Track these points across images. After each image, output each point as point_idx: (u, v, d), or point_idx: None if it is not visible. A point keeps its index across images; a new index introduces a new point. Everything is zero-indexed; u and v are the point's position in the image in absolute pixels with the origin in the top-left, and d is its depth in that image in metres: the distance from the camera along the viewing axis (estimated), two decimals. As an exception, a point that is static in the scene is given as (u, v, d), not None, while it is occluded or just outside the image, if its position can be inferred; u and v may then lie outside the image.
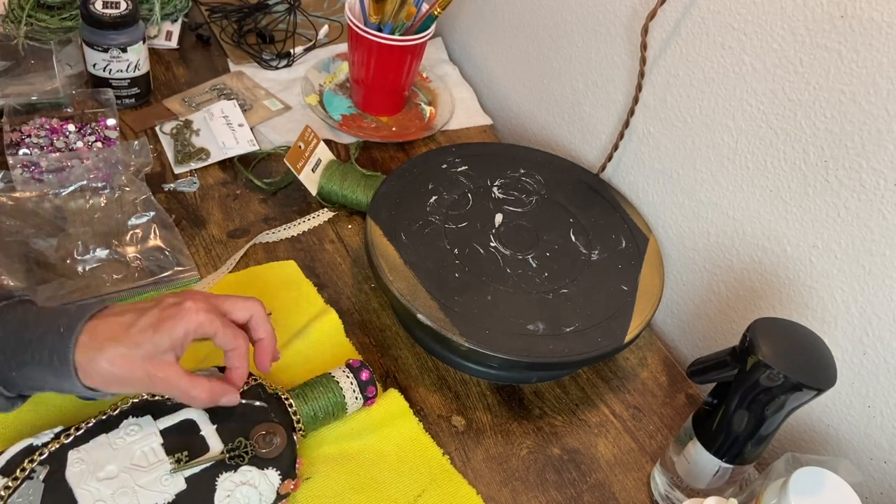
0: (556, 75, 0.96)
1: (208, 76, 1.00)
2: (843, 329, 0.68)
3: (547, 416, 0.74)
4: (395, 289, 0.70)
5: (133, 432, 0.57)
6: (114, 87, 0.90)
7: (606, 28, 0.85)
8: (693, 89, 0.77)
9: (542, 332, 0.70)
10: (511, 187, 0.84)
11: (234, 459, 0.57)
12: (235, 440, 0.58)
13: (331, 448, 0.66)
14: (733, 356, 0.59)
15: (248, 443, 0.58)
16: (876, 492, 0.69)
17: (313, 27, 1.11)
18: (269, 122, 0.96)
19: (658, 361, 0.81)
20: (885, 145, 0.61)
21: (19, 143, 0.82)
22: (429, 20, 0.92)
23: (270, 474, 0.58)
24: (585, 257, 0.78)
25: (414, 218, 0.78)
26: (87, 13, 0.85)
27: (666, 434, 0.74)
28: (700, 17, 0.74)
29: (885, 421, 0.67)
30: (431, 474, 0.66)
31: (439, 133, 1.01)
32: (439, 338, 0.69)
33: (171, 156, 0.88)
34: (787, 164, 0.69)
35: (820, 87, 0.65)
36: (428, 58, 1.06)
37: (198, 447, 0.57)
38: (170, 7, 1.02)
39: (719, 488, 0.65)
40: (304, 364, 0.70)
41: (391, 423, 0.68)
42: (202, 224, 0.82)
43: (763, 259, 0.74)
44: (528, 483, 0.68)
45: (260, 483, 0.57)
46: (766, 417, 0.58)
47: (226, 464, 0.57)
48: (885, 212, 0.62)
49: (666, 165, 0.82)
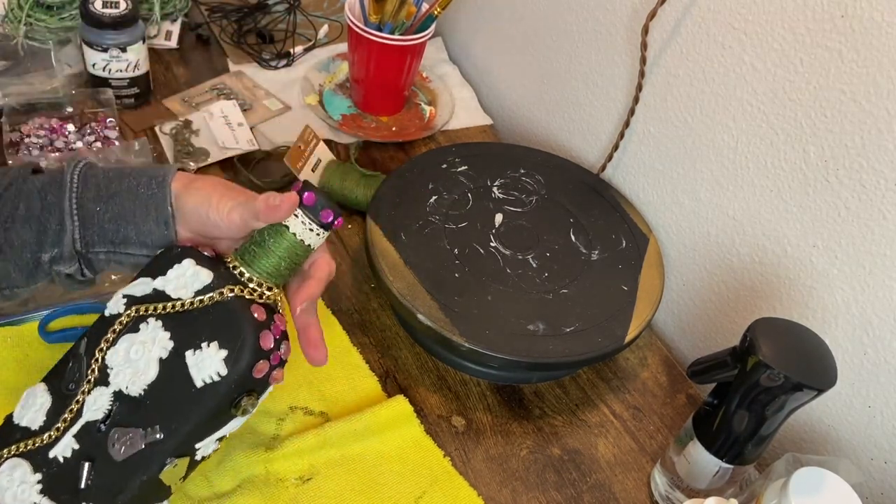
0: (557, 75, 0.96)
1: (208, 76, 1.00)
2: (843, 329, 0.68)
3: (547, 416, 0.74)
4: (395, 289, 0.70)
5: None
6: (113, 86, 0.90)
7: (606, 28, 0.85)
8: (693, 89, 0.77)
9: (542, 333, 0.70)
10: (511, 187, 0.84)
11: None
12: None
13: (332, 450, 0.66)
14: (733, 356, 0.59)
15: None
16: (876, 492, 0.69)
17: (313, 27, 1.11)
18: (269, 122, 0.96)
19: (658, 361, 0.80)
20: (885, 145, 0.61)
21: (19, 142, 0.82)
22: (429, 20, 0.92)
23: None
24: (585, 257, 0.78)
25: (414, 218, 0.77)
26: (87, 13, 0.85)
27: (666, 434, 0.74)
28: (700, 16, 0.74)
29: (885, 421, 0.67)
30: (432, 476, 0.66)
31: (439, 133, 1.01)
32: (439, 338, 0.69)
33: (171, 156, 0.88)
34: (787, 164, 0.69)
35: (820, 87, 0.65)
36: (428, 58, 1.06)
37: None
38: (169, 7, 1.02)
39: (720, 488, 0.65)
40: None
41: (394, 426, 0.68)
42: (202, 224, 0.82)
43: (763, 259, 0.74)
44: (529, 483, 0.68)
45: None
46: (766, 417, 0.58)
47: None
48: (885, 212, 0.62)
49: (666, 165, 0.82)
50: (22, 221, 0.55)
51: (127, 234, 0.56)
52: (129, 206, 0.55)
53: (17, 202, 0.55)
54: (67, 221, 0.55)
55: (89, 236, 0.55)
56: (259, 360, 0.51)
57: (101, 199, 0.55)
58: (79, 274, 0.57)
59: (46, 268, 0.55)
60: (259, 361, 0.51)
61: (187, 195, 0.56)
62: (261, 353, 0.51)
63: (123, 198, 0.55)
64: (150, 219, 0.55)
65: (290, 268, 0.55)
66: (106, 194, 0.55)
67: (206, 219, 0.55)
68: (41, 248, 0.55)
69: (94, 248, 0.56)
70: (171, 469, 0.52)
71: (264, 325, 0.52)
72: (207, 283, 0.52)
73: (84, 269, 0.56)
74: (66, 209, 0.55)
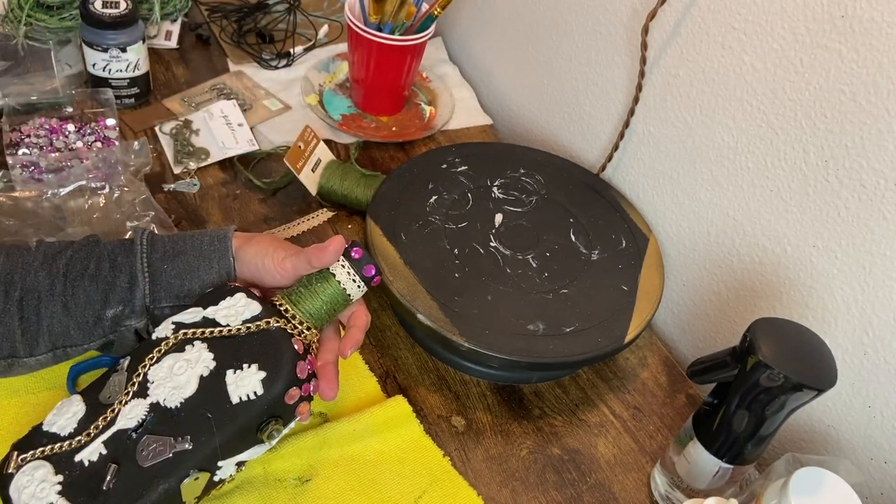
0: (557, 75, 0.96)
1: (208, 76, 1.00)
2: (843, 329, 0.68)
3: (547, 416, 0.74)
4: (395, 289, 0.70)
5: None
6: (113, 86, 0.90)
7: (606, 28, 0.85)
8: (693, 89, 0.77)
9: (542, 332, 0.70)
10: (511, 187, 0.84)
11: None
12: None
13: (332, 450, 0.66)
14: (733, 356, 0.59)
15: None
16: (876, 492, 0.69)
17: (313, 27, 1.11)
18: (269, 122, 0.96)
19: (658, 361, 0.80)
20: (885, 145, 0.61)
21: (19, 142, 0.82)
22: (429, 20, 0.92)
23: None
24: (585, 257, 0.78)
25: (414, 218, 0.77)
26: (87, 13, 0.85)
27: (666, 434, 0.74)
28: (700, 16, 0.74)
29: (885, 421, 0.67)
30: (432, 476, 0.66)
31: (439, 133, 1.01)
32: (439, 338, 0.69)
33: (171, 156, 0.88)
34: (787, 164, 0.69)
35: (820, 87, 0.65)
36: (428, 58, 1.06)
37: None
38: (169, 7, 1.02)
39: (719, 488, 0.65)
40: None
41: (394, 426, 0.68)
42: (202, 224, 0.82)
43: (763, 259, 0.74)
44: (528, 483, 0.68)
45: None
46: (766, 417, 0.58)
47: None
48: (885, 212, 0.62)
49: (666, 165, 0.82)
50: (90, 279, 0.59)
51: (191, 288, 0.61)
52: (193, 262, 0.61)
53: (88, 262, 0.60)
54: (139, 278, 0.60)
55: (157, 292, 0.60)
56: (292, 387, 0.55)
57: (167, 258, 0.61)
58: (145, 331, 0.61)
59: (107, 325, 0.60)
60: (292, 388, 0.55)
61: (247, 247, 0.62)
62: (295, 381, 0.55)
63: (189, 255, 0.62)
64: (213, 271, 0.61)
65: (330, 313, 0.61)
66: (172, 254, 0.62)
67: (261, 267, 0.62)
68: (106, 306, 0.59)
69: (161, 304, 0.61)
70: (191, 482, 0.54)
71: (301, 357, 0.56)
72: (256, 313, 0.57)
73: (149, 324, 0.61)
74: (137, 267, 0.60)
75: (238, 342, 0.56)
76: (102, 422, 0.56)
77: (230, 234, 0.63)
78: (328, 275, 0.60)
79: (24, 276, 0.59)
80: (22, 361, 0.59)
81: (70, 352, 0.60)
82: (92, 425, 0.56)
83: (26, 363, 0.59)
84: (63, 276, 0.59)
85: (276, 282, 0.62)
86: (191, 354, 0.56)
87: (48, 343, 0.59)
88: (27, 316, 0.58)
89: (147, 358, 0.57)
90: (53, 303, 0.58)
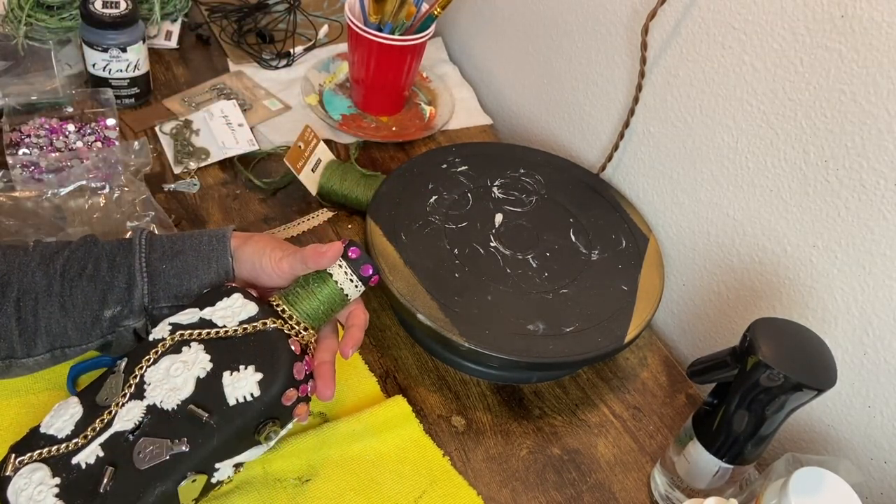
0: (557, 75, 0.96)
1: (208, 76, 1.00)
2: (843, 329, 0.68)
3: (547, 416, 0.74)
4: (395, 289, 0.70)
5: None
6: (113, 86, 0.90)
7: (606, 28, 0.85)
8: (693, 89, 0.77)
9: (542, 332, 0.70)
10: (511, 187, 0.84)
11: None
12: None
13: (331, 450, 0.66)
14: (733, 356, 0.59)
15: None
16: (876, 492, 0.69)
17: (313, 27, 1.11)
18: (269, 122, 0.96)
19: (658, 361, 0.80)
20: (885, 145, 0.61)
21: (19, 142, 0.82)
22: (429, 20, 0.92)
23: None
24: (585, 257, 0.78)
25: (414, 218, 0.77)
26: (87, 13, 0.85)
27: (666, 434, 0.74)
28: (700, 16, 0.74)
29: (885, 421, 0.67)
30: (432, 475, 0.66)
31: (439, 133, 1.01)
32: (439, 338, 0.69)
33: (171, 156, 0.88)
34: (787, 164, 0.69)
35: (820, 87, 0.65)
36: (428, 58, 1.06)
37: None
38: (169, 7, 1.02)
39: (719, 488, 0.65)
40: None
41: (394, 426, 0.68)
42: (202, 224, 0.82)
43: (763, 259, 0.74)
44: (528, 483, 0.68)
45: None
46: (766, 417, 0.58)
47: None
48: (885, 212, 0.62)
49: (666, 165, 0.82)
50: (88, 279, 0.59)
51: (190, 288, 0.61)
52: (192, 262, 0.61)
53: (86, 262, 0.60)
54: (138, 278, 0.60)
55: (155, 292, 0.60)
56: (289, 388, 0.55)
57: (166, 258, 0.61)
58: (144, 331, 0.61)
59: (105, 325, 0.59)
60: (289, 389, 0.55)
61: (245, 247, 0.62)
62: (292, 382, 0.55)
63: (187, 255, 0.61)
64: (211, 271, 0.61)
65: (327, 313, 0.61)
66: (170, 253, 0.61)
67: (258, 267, 0.61)
68: (104, 306, 0.59)
69: (159, 304, 0.60)
70: (188, 484, 0.54)
71: (298, 358, 0.56)
72: (253, 314, 0.57)
73: (148, 324, 0.61)
74: (135, 267, 0.60)
75: (235, 343, 0.56)
76: (99, 424, 0.56)
77: (229, 234, 0.63)
78: (325, 275, 0.60)
79: (21, 276, 0.58)
80: (20, 362, 0.59)
81: (68, 352, 0.60)
82: (89, 427, 0.56)
83: (24, 364, 0.59)
84: (60, 277, 0.59)
85: (273, 282, 0.62)
86: (187, 356, 0.56)
87: (46, 344, 0.59)
88: (24, 316, 0.58)
89: (144, 360, 0.57)
90: (51, 303, 0.58)
